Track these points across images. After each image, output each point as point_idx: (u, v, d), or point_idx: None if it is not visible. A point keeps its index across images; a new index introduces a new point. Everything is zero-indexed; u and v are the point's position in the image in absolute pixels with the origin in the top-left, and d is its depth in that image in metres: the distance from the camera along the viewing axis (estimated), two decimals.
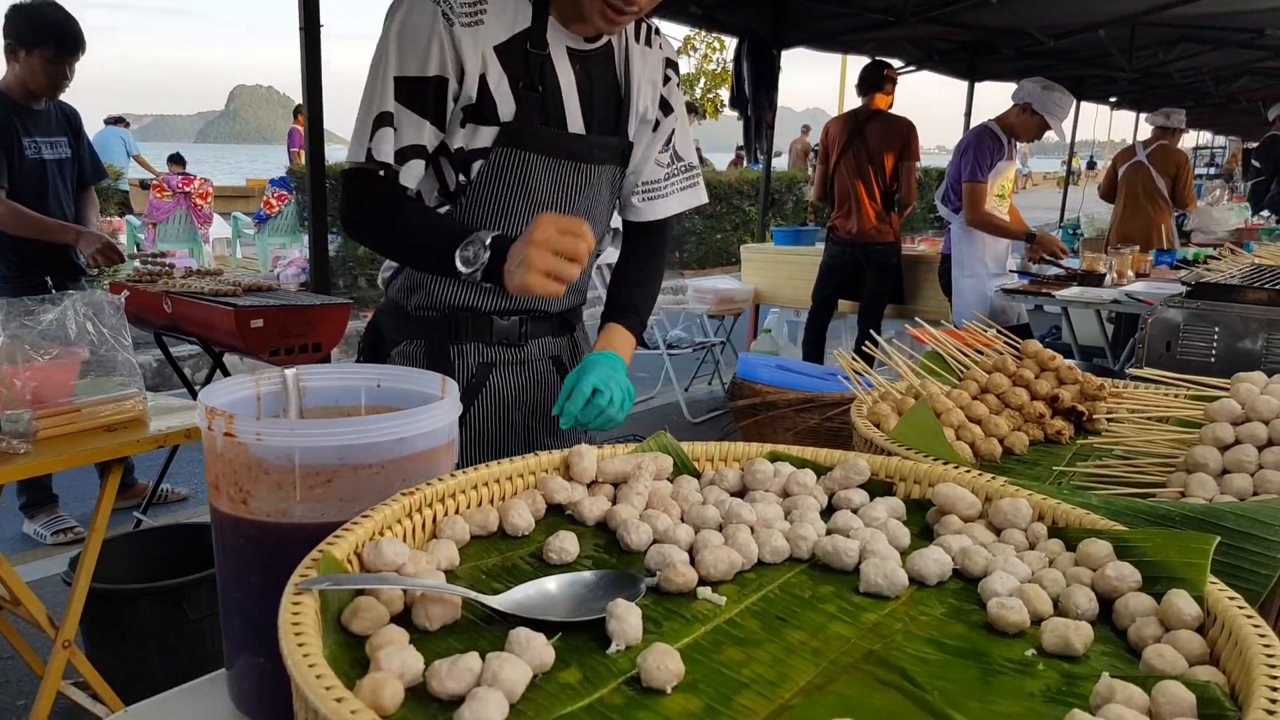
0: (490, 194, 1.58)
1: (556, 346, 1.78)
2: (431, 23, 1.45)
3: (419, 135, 1.50)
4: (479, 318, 1.66)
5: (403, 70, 1.47)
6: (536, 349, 1.73)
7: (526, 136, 1.54)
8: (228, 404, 1.02)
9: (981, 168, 4.79)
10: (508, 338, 1.68)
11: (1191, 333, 2.27)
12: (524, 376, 1.73)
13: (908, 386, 1.28)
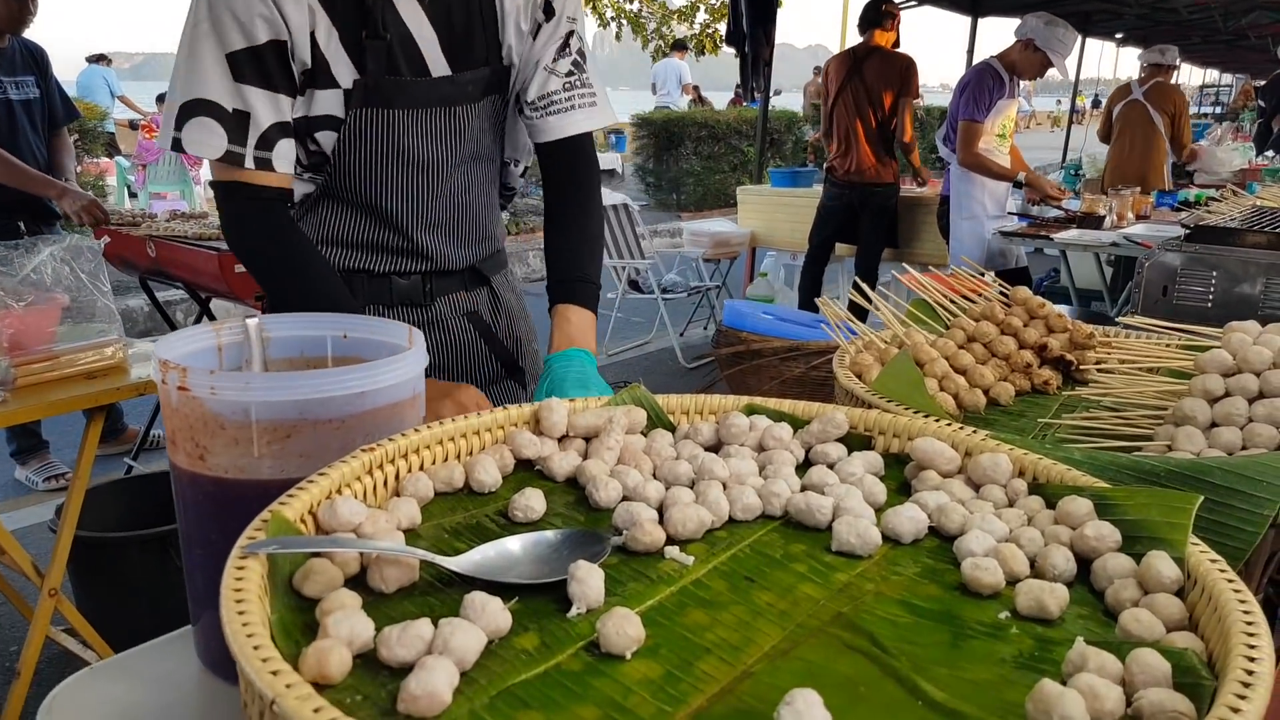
0: (357, 162, 1.41)
1: (472, 301, 1.61)
2: None
3: (278, 112, 1.33)
4: (375, 278, 1.50)
5: (230, 45, 1.28)
6: (446, 307, 1.57)
7: (384, 92, 1.37)
8: (187, 355, 0.99)
9: (980, 107, 4.70)
10: (410, 297, 1.53)
11: (1189, 277, 2.23)
12: (433, 339, 1.56)
13: (893, 335, 1.25)
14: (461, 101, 1.44)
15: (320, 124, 1.38)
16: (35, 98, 3.62)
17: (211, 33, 1.28)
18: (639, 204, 13.14)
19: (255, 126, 1.32)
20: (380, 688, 0.57)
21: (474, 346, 1.61)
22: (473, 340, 1.61)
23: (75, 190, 3.52)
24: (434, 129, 1.43)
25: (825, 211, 5.77)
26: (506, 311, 1.68)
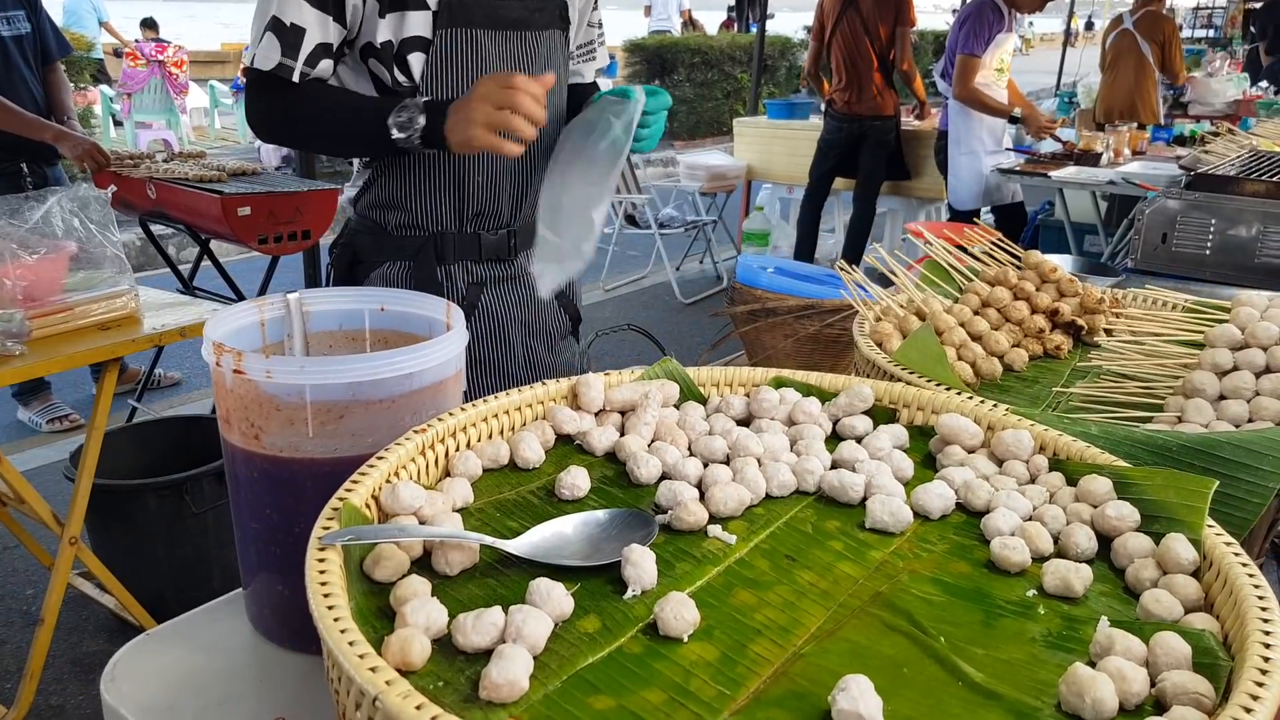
0: (445, 82, 1.49)
1: None
2: None
3: (325, 33, 1.43)
4: (465, 235, 1.59)
5: None
6: (527, 262, 1.65)
7: (468, 9, 1.46)
8: (232, 332, 1.02)
9: (979, 41, 4.66)
10: (497, 253, 1.62)
11: (1187, 225, 2.26)
12: (517, 294, 1.66)
13: (908, 300, 1.28)
14: (533, 27, 1.54)
15: (410, 45, 1.46)
16: (27, 33, 3.54)
17: None
18: None
19: (307, 43, 1.42)
20: (459, 673, 0.61)
21: (549, 303, 1.71)
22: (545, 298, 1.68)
23: (74, 135, 3.45)
24: (510, 51, 1.53)
25: (825, 145, 5.74)
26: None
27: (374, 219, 1.60)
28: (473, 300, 1.61)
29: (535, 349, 1.69)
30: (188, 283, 3.86)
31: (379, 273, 1.60)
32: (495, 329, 1.64)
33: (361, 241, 1.62)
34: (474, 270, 1.61)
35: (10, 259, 2.12)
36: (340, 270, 1.65)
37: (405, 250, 1.58)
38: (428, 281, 1.57)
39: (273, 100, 1.49)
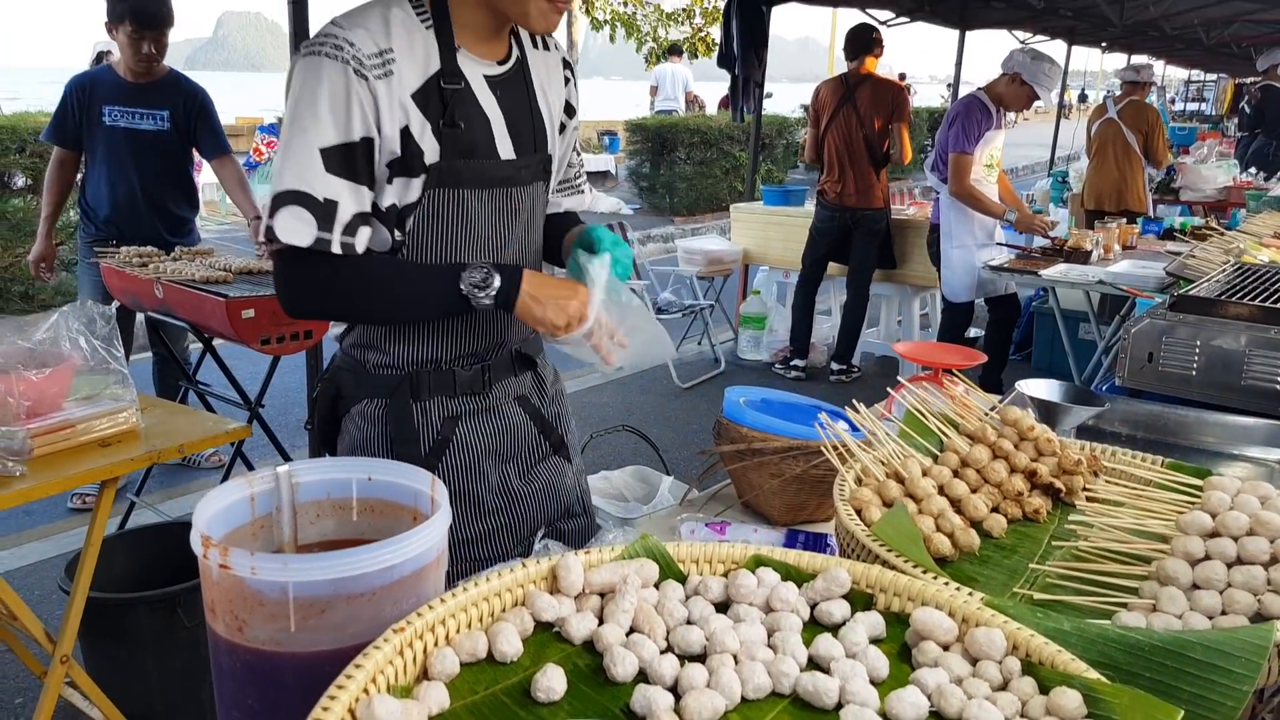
0: (429, 238, 1.53)
1: (521, 386, 1.73)
2: (346, 83, 1.38)
3: (360, 203, 1.44)
4: (440, 371, 1.61)
5: (326, 140, 1.39)
6: (501, 393, 1.69)
7: (457, 173, 1.50)
8: (222, 510, 1.04)
9: (969, 139, 4.77)
10: (471, 387, 1.64)
11: (1173, 344, 2.29)
12: (492, 425, 1.68)
13: (889, 455, 1.30)
14: (519, 183, 1.59)
15: (410, 208, 1.50)
16: (162, 130, 3.96)
17: (310, 128, 1.38)
18: (632, 206, 13.21)
19: (342, 214, 1.43)
20: None
21: (526, 429, 1.73)
22: (524, 423, 1.73)
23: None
24: (496, 207, 1.57)
25: (817, 233, 5.83)
26: (549, 392, 1.80)
27: (356, 357, 1.64)
28: (447, 435, 1.63)
29: (509, 476, 1.69)
30: (190, 377, 3.90)
31: (358, 409, 1.63)
32: (470, 461, 1.65)
33: (344, 378, 1.65)
34: (448, 405, 1.63)
35: (15, 376, 2.15)
36: (324, 405, 1.68)
37: (382, 388, 1.61)
38: (402, 419, 1.59)
39: (316, 273, 1.46)
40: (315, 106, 1.38)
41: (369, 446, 1.62)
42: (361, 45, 1.39)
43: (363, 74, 1.38)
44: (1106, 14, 7.22)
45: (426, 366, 1.61)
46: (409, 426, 1.60)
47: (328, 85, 1.38)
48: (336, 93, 1.38)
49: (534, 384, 1.76)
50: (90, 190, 4.09)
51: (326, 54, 1.38)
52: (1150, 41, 11.56)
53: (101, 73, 4.07)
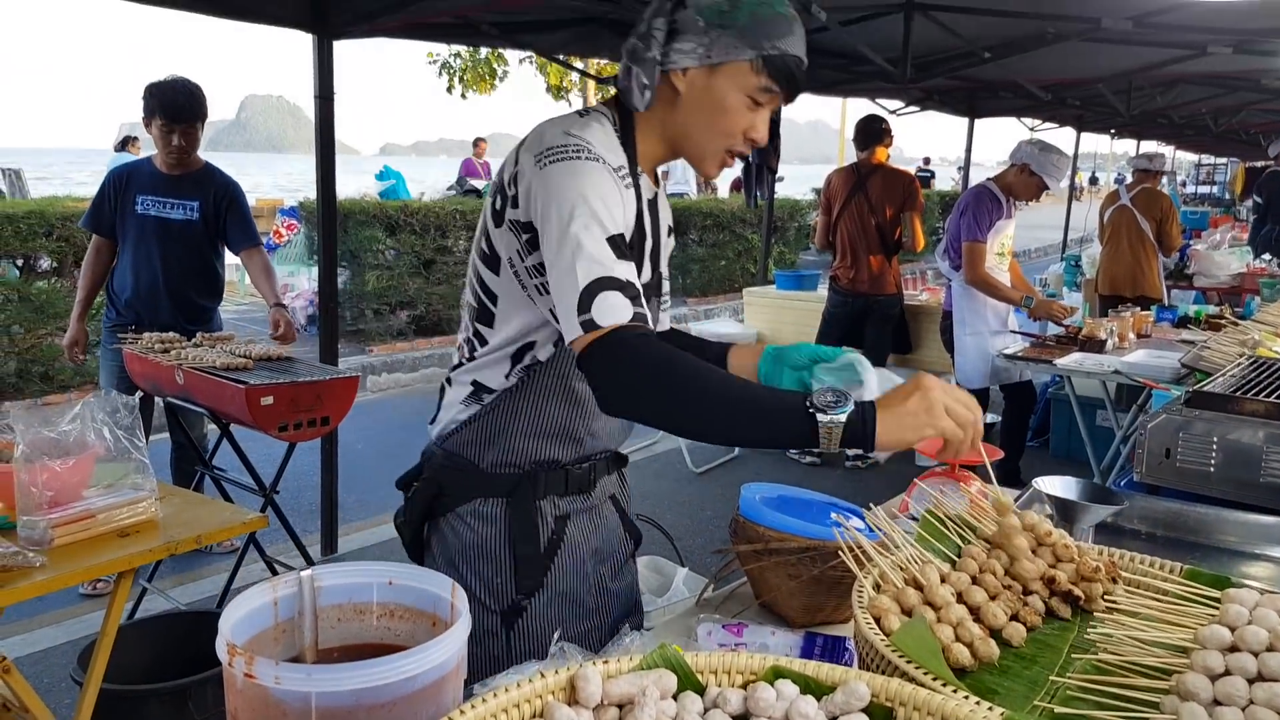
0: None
1: (613, 484, 1.78)
2: (613, 181, 1.44)
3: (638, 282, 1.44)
4: (554, 470, 1.64)
5: (610, 230, 1.39)
6: (601, 492, 1.73)
7: None
8: (246, 615, 1.06)
9: (980, 228, 4.84)
10: (580, 486, 1.68)
11: (1190, 440, 2.29)
12: (594, 522, 1.71)
13: (906, 560, 1.31)
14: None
15: None
16: (192, 219, 4.08)
17: (593, 223, 1.37)
18: None
19: (639, 294, 1.41)
20: None
21: (617, 528, 1.77)
22: (615, 523, 1.77)
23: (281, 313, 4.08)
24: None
25: (830, 319, 5.88)
26: (629, 491, 1.84)
27: (466, 456, 1.64)
28: (560, 534, 1.66)
29: (604, 576, 1.73)
30: (207, 462, 3.92)
31: (469, 508, 1.63)
32: (575, 563, 1.68)
33: (449, 478, 1.65)
34: (559, 504, 1.66)
35: (39, 466, 2.18)
36: (419, 506, 1.68)
37: (499, 487, 1.62)
38: (525, 518, 1.62)
39: (639, 356, 1.33)
40: (591, 202, 1.38)
41: (484, 547, 1.63)
42: (609, 157, 1.46)
43: (615, 179, 1.45)
44: (1114, 104, 7.36)
45: (543, 465, 1.63)
46: (531, 526, 1.62)
47: (599, 182, 1.41)
48: (609, 189, 1.42)
49: (619, 482, 1.81)
50: (117, 276, 4.20)
51: (588, 158, 1.42)
52: (1159, 128, 11.75)
53: (141, 164, 4.23)
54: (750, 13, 1.45)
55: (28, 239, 6.74)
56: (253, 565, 3.87)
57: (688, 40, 1.47)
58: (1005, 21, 4.87)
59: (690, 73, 1.49)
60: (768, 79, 1.47)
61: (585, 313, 1.34)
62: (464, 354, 1.65)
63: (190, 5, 3.81)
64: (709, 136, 1.53)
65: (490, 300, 1.58)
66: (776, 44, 1.46)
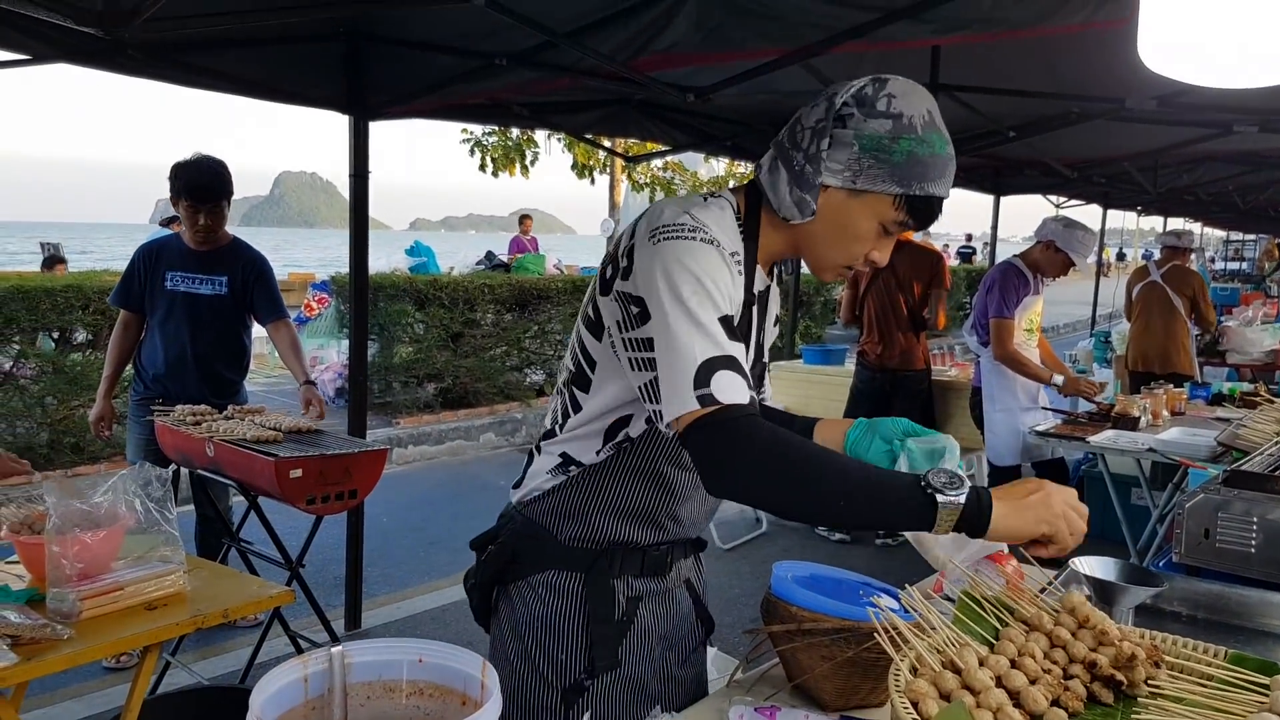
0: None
1: (689, 568, 1.75)
2: (725, 264, 1.42)
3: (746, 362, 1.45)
4: (632, 551, 1.63)
5: (721, 311, 1.38)
6: (676, 575, 1.71)
7: None
8: (277, 692, 1.05)
9: (1008, 304, 4.84)
10: (656, 569, 1.66)
11: (1229, 520, 2.25)
12: (666, 606, 1.69)
13: (944, 642, 1.29)
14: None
15: None
16: (220, 294, 4.16)
17: (707, 302, 1.37)
18: None
19: (749, 378, 1.40)
20: None
21: (689, 614, 1.74)
22: (689, 608, 1.74)
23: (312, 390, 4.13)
24: None
25: (858, 394, 5.86)
26: (704, 576, 1.81)
27: (545, 525, 1.63)
28: (631, 615, 1.63)
29: (670, 663, 1.70)
30: (234, 534, 3.93)
31: (542, 579, 1.62)
32: (643, 646, 1.64)
33: (524, 546, 1.64)
34: (633, 584, 1.64)
35: (70, 538, 2.19)
36: (491, 569, 1.67)
37: (575, 560, 1.61)
38: (602, 596, 1.60)
39: (754, 435, 1.31)
40: (704, 281, 1.38)
41: (552, 620, 1.61)
42: (725, 242, 1.44)
43: (728, 262, 1.43)
44: (1140, 181, 7.39)
45: (620, 544, 1.62)
46: (608, 603, 1.60)
47: (712, 262, 1.40)
48: (721, 271, 1.41)
49: (695, 566, 1.79)
50: (146, 350, 4.27)
51: (703, 239, 1.41)
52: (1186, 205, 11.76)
53: (170, 239, 4.32)
54: (908, 153, 1.41)
55: (64, 312, 6.87)
56: (276, 640, 3.84)
57: (836, 160, 1.44)
58: (1029, 101, 4.93)
59: (831, 190, 1.46)
60: (906, 215, 1.45)
61: (703, 387, 1.31)
62: (556, 421, 1.63)
63: (234, 88, 3.92)
64: (834, 252, 1.52)
65: (589, 366, 1.57)
66: (925, 185, 1.43)
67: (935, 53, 4.23)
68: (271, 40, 3.67)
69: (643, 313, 1.41)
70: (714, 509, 1.73)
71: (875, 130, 1.42)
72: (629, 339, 1.45)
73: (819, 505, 1.32)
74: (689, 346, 1.33)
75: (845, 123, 1.44)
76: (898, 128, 1.41)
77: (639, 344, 1.43)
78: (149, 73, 3.57)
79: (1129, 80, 4.33)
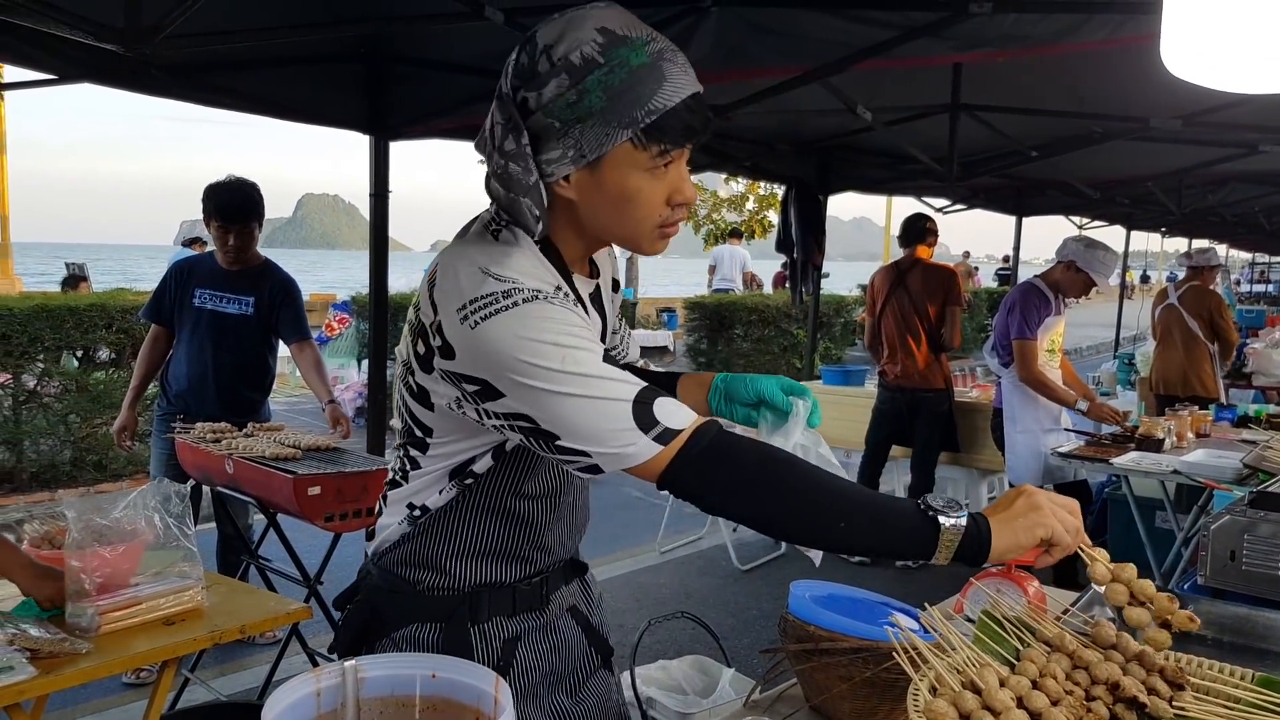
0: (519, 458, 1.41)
1: (572, 594, 1.60)
2: (561, 305, 1.26)
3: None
4: (499, 590, 1.46)
5: (598, 349, 1.26)
6: (557, 605, 1.55)
7: None
8: (289, 706, 1.05)
9: (1030, 325, 4.81)
10: (530, 604, 1.49)
11: (1255, 542, 2.22)
12: (549, 642, 1.53)
13: (964, 662, 1.27)
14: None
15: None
16: (246, 314, 4.19)
17: (582, 352, 1.23)
18: None
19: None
20: None
21: (578, 643, 1.59)
22: (577, 637, 1.59)
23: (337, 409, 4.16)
24: None
25: (879, 415, 5.83)
26: (594, 597, 1.67)
27: (402, 576, 1.46)
28: (507, 660, 1.46)
29: (561, 701, 1.54)
30: (253, 552, 3.94)
31: (403, 634, 1.44)
32: (526, 688, 1.48)
33: (383, 600, 1.47)
34: (507, 625, 1.47)
35: (90, 553, 2.20)
36: (354, 630, 1.49)
37: (436, 611, 1.44)
38: (459, 647, 1.42)
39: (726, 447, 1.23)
40: (563, 340, 1.22)
41: None
42: (540, 284, 1.28)
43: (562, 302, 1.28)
44: (1164, 202, 7.35)
45: (485, 586, 1.46)
46: (467, 653, 1.42)
47: (552, 316, 1.24)
48: (562, 318, 1.24)
49: (581, 590, 1.64)
50: (172, 366, 4.31)
51: (523, 300, 1.23)
52: (1210, 226, 11.69)
53: (203, 258, 4.38)
54: (603, 90, 1.21)
55: (88, 331, 6.94)
56: (295, 657, 3.84)
57: (551, 148, 1.26)
58: (1052, 121, 4.92)
59: (573, 177, 1.29)
60: (657, 145, 1.25)
61: (652, 426, 1.21)
62: (398, 474, 1.47)
63: (256, 108, 3.97)
64: (629, 226, 1.33)
65: (424, 432, 1.40)
66: (649, 106, 1.22)
67: (957, 71, 4.23)
68: (293, 60, 3.72)
69: (485, 390, 1.24)
70: (584, 525, 1.59)
71: (555, 94, 1.23)
72: (483, 409, 1.28)
73: (823, 525, 1.23)
74: (602, 403, 1.21)
75: (527, 107, 1.26)
76: (574, 75, 1.22)
77: (499, 415, 1.26)
78: (172, 92, 3.62)
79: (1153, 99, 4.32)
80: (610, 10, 1.25)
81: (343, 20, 3.35)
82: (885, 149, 6.02)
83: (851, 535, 1.22)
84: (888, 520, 1.22)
